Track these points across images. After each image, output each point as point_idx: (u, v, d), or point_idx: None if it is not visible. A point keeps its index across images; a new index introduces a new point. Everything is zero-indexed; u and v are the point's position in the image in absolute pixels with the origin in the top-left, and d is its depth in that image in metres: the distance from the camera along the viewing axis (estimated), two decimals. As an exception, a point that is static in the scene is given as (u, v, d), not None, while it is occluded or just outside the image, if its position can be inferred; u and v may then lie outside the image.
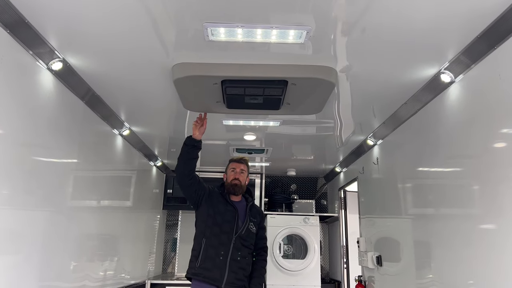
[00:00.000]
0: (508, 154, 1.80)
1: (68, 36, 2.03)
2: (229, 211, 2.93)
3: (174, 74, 2.30)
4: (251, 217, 3.01)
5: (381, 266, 3.46)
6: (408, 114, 2.82)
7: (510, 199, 1.77)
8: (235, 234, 2.85)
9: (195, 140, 2.76)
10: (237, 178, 3.01)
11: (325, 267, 5.51)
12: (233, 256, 2.81)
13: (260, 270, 3.01)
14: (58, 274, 2.40)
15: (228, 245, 2.82)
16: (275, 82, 2.31)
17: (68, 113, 2.49)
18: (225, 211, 2.93)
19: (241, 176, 3.04)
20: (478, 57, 1.99)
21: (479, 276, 1.99)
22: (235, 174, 3.03)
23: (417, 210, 2.85)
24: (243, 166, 3.08)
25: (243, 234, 2.89)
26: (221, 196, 3.00)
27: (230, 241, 2.83)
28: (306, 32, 1.91)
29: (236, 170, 3.05)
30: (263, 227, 3.16)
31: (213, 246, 2.81)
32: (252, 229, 2.98)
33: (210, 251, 2.80)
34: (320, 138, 3.87)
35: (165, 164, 5.02)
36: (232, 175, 3.03)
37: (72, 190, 2.58)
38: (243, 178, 3.06)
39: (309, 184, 5.84)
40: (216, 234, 2.83)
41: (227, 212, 2.92)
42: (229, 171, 3.08)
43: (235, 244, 2.84)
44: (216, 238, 2.82)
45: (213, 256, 2.79)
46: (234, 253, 2.82)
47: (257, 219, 3.07)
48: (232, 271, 2.78)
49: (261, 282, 2.98)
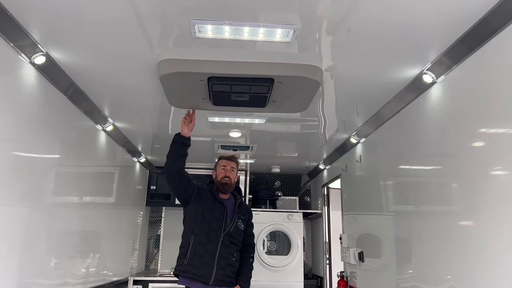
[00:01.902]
0: (486, 153, 1.87)
1: (51, 30, 1.99)
2: (218, 209, 2.92)
3: (160, 70, 2.28)
4: (239, 214, 3.01)
5: (363, 262, 3.52)
6: (390, 114, 2.88)
7: (488, 196, 1.83)
8: (224, 232, 2.85)
9: (183, 137, 2.74)
10: (228, 176, 2.99)
11: (308, 263, 5.58)
12: (222, 253, 2.81)
13: (247, 266, 3.02)
14: (38, 272, 2.36)
15: (216, 242, 2.81)
16: (261, 80, 2.32)
17: (50, 108, 2.44)
18: (214, 208, 2.92)
19: (232, 174, 3.02)
20: (459, 59, 2.04)
21: (457, 271, 2.06)
22: (225, 172, 3.01)
23: (398, 207, 2.91)
24: (234, 164, 3.06)
25: (232, 231, 2.89)
26: (210, 193, 2.98)
27: (218, 238, 2.82)
28: (293, 31, 1.93)
29: (226, 168, 3.02)
30: (251, 224, 3.16)
31: (202, 243, 2.80)
32: (240, 227, 2.98)
33: (199, 248, 2.79)
34: (305, 136, 3.91)
35: (148, 160, 4.97)
36: (223, 173, 3.01)
37: (54, 186, 2.54)
38: (233, 176, 3.04)
39: (293, 181, 5.89)
40: (205, 231, 2.82)
41: (215, 209, 2.91)
42: (219, 168, 3.05)
43: (224, 241, 2.83)
44: (204, 235, 2.82)
45: (201, 253, 2.78)
46: (223, 250, 2.82)
47: (246, 217, 3.08)
48: (220, 268, 2.79)
49: (248, 278, 2.98)
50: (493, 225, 1.78)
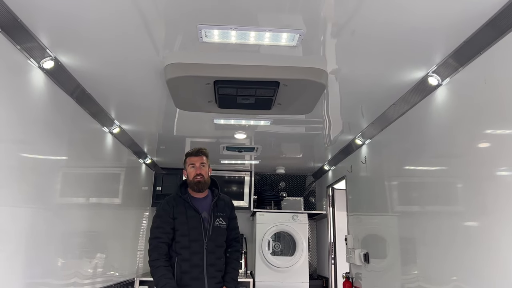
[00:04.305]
0: (492, 153, 1.87)
1: (60, 35, 2.02)
2: (193, 217, 2.74)
3: (167, 74, 2.31)
4: (218, 212, 2.82)
5: (368, 263, 3.53)
6: (396, 115, 2.89)
7: (493, 197, 1.84)
8: (206, 239, 2.70)
9: None
10: (199, 173, 2.77)
11: (313, 264, 5.59)
12: (209, 261, 2.68)
13: (233, 263, 2.84)
14: (46, 272, 2.39)
15: (201, 253, 2.67)
16: (267, 83, 2.34)
17: (58, 111, 2.48)
18: (189, 217, 2.73)
19: (203, 170, 2.79)
20: (465, 61, 2.05)
21: (463, 271, 2.07)
22: (195, 170, 2.78)
23: (403, 208, 2.92)
24: (202, 159, 2.82)
25: (212, 235, 2.72)
26: (183, 203, 2.77)
27: (202, 247, 2.68)
28: (298, 35, 1.95)
29: (195, 165, 2.79)
30: (234, 217, 2.94)
31: (186, 259, 2.67)
32: (221, 225, 2.80)
33: (184, 266, 2.65)
34: (309, 137, 3.92)
35: (154, 162, 5.01)
36: (193, 171, 2.78)
37: (61, 187, 2.57)
38: (205, 171, 2.80)
39: (297, 182, 5.90)
40: (185, 246, 2.68)
41: (191, 218, 2.73)
42: (188, 167, 2.82)
43: (208, 248, 2.69)
44: (186, 250, 2.67)
45: (188, 269, 2.65)
46: (209, 258, 2.69)
47: (226, 212, 2.87)
48: (211, 277, 2.67)
49: (235, 276, 2.81)
50: (498, 225, 1.79)
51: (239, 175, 5.49)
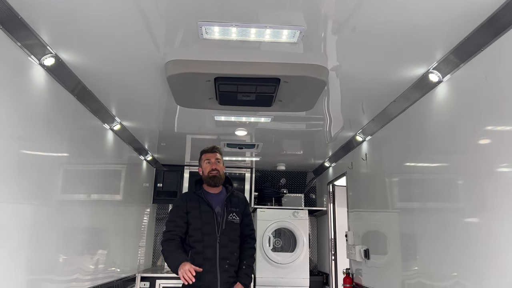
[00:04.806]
0: (493, 150, 1.87)
1: (60, 32, 2.02)
2: (207, 212, 2.83)
3: (168, 71, 2.31)
4: (231, 207, 2.90)
5: (368, 259, 3.55)
6: (396, 112, 2.89)
7: (494, 193, 1.84)
8: (218, 233, 2.78)
9: None
10: (214, 168, 2.88)
11: (313, 260, 5.61)
12: (222, 255, 2.75)
13: (247, 259, 2.91)
14: (48, 268, 2.41)
15: (214, 246, 2.74)
16: (267, 80, 2.34)
17: (59, 108, 2.48)
18: (203, 212, 2.82)
19: (218, 165, 2.91)
20: (466, 57, 2.04)
21: (463, 267, 2.08)
22: (211, 165, 2.90)
23: (403, 204, 2.93)
24: (218, 155, 2.95)
25: (225, 229, 2.80)
26: (197, 198, 2.88)
27: (215, 241, 2.75)
28: (299, 32, 1.94)
29: (211, 160, 2.91)
30: (248, 213, 3.02)
31: (199, 253, 2.74)
32: (234, 220, 2.87)
33: (197, 259, 2.72)
34: (310, 134, 3.92)
35: (155, 158, 5.01)
36: (209, 166, 2.90)
37: (62, 184, 2.58)
38: (220, 167, 2.92)
39: (298, 178, 5.91)
40: (199, 240, 2.76)
41: (204, 213, 2.82)
42: (204, 163, 2.94)
43: (221, 242, 2.76)
44: (199, 243, 2.75)
45: (201, 262, 2.69)
46: (222, 252, 2.75)
47: (240, 208, 2.95)
48: (224, 271, 2.73)
49: (249, 272, 2.88)
50: (499, 221, 1.80)
51: (239, 172, 5.51)
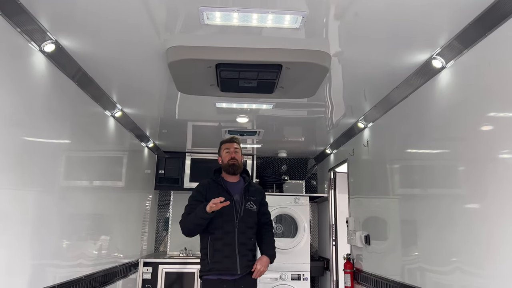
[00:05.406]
0: (494, 136, 1.87)
1: (60, 18, 2.00)
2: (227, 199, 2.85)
3: (169, 57, 2.29)
4: (249, 196, 3.03)
5: (369, 245, 3.58)
6: (399, 98, 2.88)
7: (494, 180, 1.84)
8: (237, 220, 2.90)
9: (209, 214, 2.74)
10: (233, 157, 3.02)
11: (314, 245, 5.66)
12: (240, 240, 2.88)
13: (269, 239, 3.08)
14: (52, 253, 2.43)
15: (233, 232, 2.87)
16: (269, 66, 2.32)
17: (60, 94, 2.47)
18: None
19: (237, 155, 3.05)
20: (470, 43, 2.02)
21: (463, 253, 2.10)
22: (230, 154, 3.03)
23: (404, 191, 2.94)
24: (236, 145, 3.09)
25: (243, 216, 2.93)
26: (216, 186, 3.00)
27: (234, 227, 2.88)
28: (301, 17, 1.92)
29: (230, 150, 3.05)
30: (264, 203, 3.17)
31: (219, 238, 2.86)
32: (252, 208, 3.00)
33: (217, 244, 2.85)
34: (312, 121, 3.91)
35: (156, 145, 5.02)
36: (228, 155, 3.04)
37: (65, 170, 2.59)
38: (239, 156, 3.07)
39: (299, 165, 5.92)
40: (219, 226, 2.87)
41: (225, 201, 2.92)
42: (223, 153, 3.08)
43: (240, 229, 2.89)
44: (219, 230, 2.87)
45: (221, 247, 2.85)
46: (241, 237, 2.88)
47: (257, 197, 3.09)
48: (242, 255, 2.86)
49: (273, 246, 3.05)
50: (499, 207, 1.80)
51: (241, 159, 5.51)
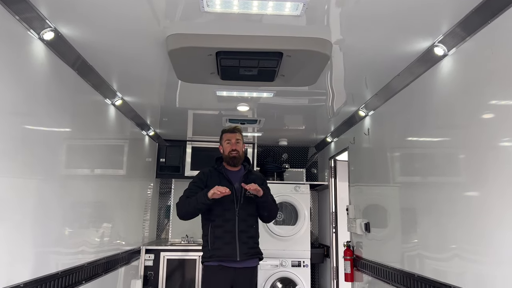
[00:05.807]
0: (496, 124, 1.87)
1: (59, 5, 1.98)
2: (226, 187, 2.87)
3: (169, 45, 2.28)
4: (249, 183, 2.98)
5: (369, 232, 3.60)
6: (400, 86, 2.86)
7: (495, 168, 1.85)
8: (237, 207, 2.91)
9: (210, 201, 2.76)
10: (235, 149, 3.00)
11: (314, 233, 5.71)
12: (240, 227, 2.89)
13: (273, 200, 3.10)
14: (55, 241, 2.46)
15: (233, 220, 2.88)
16: (270, 54, 2.31)
17: (60, 83, 2.47)
18: None
19: (238, 146, 3.02)
20: (472, 30, 2.00)
21: (462, 241, 2.11)
22: (231, 145, 3.01)
23: (405, 178, 2.95)
24: (238, 135, 3.06)
25: (243, 204, 2.94)
26: (217, 174, 3.01)
27: (234, 214, 2.89)
28: (302, 4, 1.90)
29: (231, 141, 3.02)
30: (266, 187, 3.12)
31: (219, 226, 2.89)
32: (251, 195, 2.95)
33: (218, 231, 2.88)
34: (312, 109, 3.91)
35: (157, 134, 5.02)
36: (229, 147, 3.01)
37: (66, 158, 2.60)
38: (240, 147, 3.04)
39: (300, 153, 5.93)
40: (219, 214, 2.89)
41: None
42: (224, 143, 3.05)
43: (240, 216, 2.90)
44: (220, 217, 2.89)
45: (221, 234, 2.87)
46: (241, 225, 2.90)
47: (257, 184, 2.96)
48: (243, 242, 2.88)
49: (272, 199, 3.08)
50: (499, 195, 1.81)
51: (242, 147, 5.52)
